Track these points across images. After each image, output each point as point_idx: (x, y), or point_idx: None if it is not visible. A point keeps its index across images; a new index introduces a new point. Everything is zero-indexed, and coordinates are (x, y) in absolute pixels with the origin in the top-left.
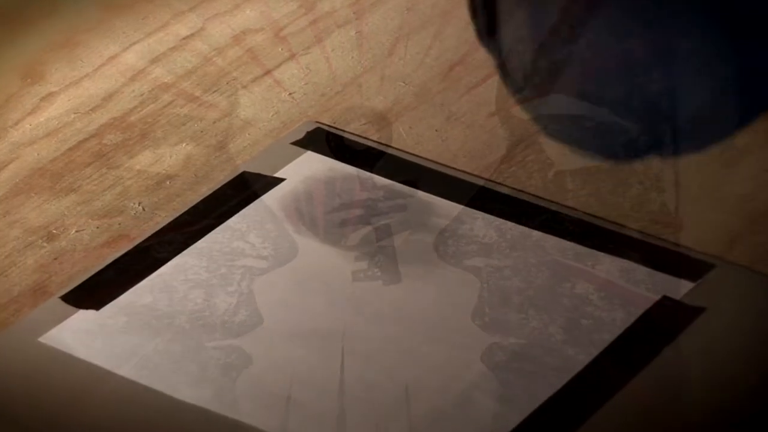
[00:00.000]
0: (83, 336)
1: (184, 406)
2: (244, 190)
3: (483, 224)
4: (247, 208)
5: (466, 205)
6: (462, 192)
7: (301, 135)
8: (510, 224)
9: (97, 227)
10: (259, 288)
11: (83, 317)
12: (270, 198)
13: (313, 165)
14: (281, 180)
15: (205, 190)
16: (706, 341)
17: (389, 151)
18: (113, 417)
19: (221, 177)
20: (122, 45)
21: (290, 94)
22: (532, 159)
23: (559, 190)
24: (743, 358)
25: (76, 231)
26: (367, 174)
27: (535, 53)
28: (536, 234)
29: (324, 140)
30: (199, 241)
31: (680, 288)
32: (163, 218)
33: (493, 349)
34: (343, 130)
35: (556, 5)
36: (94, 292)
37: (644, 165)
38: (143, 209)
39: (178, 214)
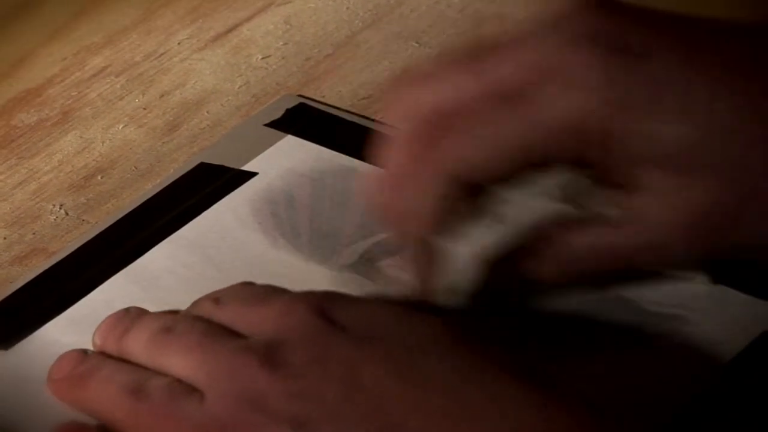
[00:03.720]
0: None
1: None
2: (201, 187)
3: None
4: (205, 212)
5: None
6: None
7: (278, 113)
8: None
9: (5, 238)
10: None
11: None
12: (237, 199)
13: (295, 154)
14: (252, 174)
15: (149, 188)
16: None
17: None
18: None
19: (171, 170)
20: None
21: (264, 57)
22: None
23: None
24: None
25: None
26: (368, 166)
27: None
28: None
29: (309, 120)
30: (141, 258)
31: None
32: (93, 226)
33: None
34: (336, 107)
35: None
36: (0, 326)
37: None
38: (66, 213)
39: (112, 221)
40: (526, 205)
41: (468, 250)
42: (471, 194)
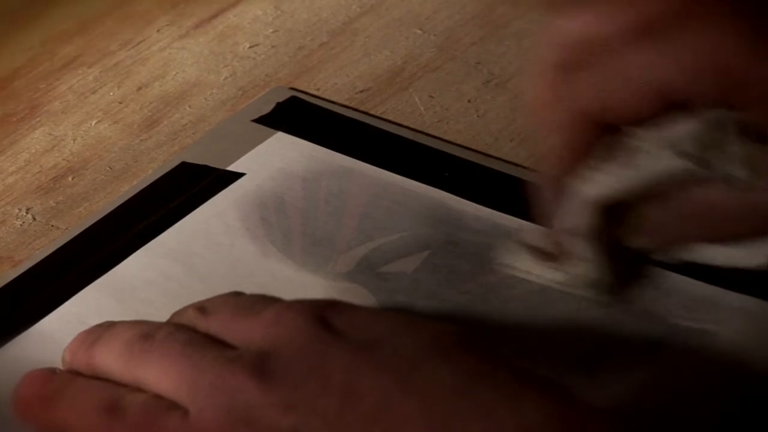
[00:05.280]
0: None
1: None
2: (183, 190)
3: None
4: (188, 217)
5: (514, 213)
6: (507, 193)
7: (267, 108)
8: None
9: None
10: None
11: None
12: (222, 202)
13: (287, 153)
14: (239, 175)
15: (125, 190)
16: None
17: (399, 132)
18: None
19: (149, 170)
20: None
21: (252, 46)
22: None
23: None
24: None
25: None
26: (366, 166)
27: None
28: None
29: (302, 116)
30: (117, 267)
31: None
32: (63, 232)
33: None
34: (331, 102)
35: None
36: None
37: None
38: (33, 218)
39: (85, 227)
40: (657, 155)
41: (594, 192)
42: (604, 135)
